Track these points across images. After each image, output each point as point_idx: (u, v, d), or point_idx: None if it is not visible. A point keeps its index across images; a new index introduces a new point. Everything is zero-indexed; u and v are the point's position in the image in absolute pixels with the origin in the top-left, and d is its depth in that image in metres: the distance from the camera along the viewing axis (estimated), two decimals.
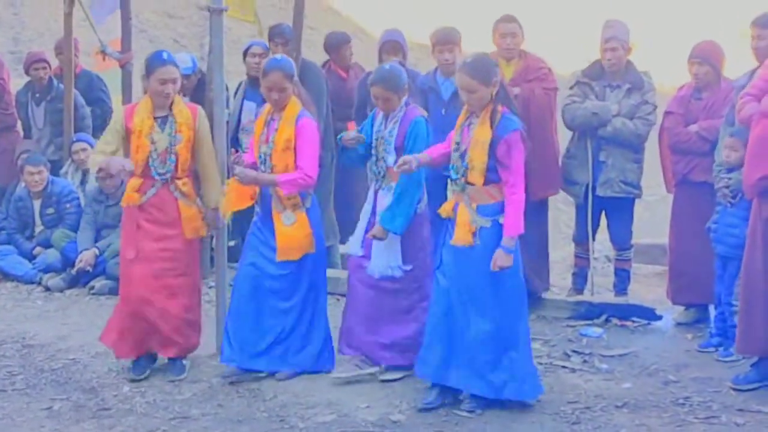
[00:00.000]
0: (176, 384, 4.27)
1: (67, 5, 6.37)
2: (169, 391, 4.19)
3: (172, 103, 4.21)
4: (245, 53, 6.04)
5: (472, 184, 3.75)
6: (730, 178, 4.34)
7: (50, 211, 6.21)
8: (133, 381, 4.26)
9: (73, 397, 4.14)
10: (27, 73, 6.81)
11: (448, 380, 3.86)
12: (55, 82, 6.75)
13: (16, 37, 14.82)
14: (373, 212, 4.15)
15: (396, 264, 4.09)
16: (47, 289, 5.95)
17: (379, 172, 4.13)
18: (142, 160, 4.17)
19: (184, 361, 4.39)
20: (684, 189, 4.92)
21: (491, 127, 3.68)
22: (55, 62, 6.94)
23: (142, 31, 16.50)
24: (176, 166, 4.20)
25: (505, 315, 3.78)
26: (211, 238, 4.90)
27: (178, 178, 4.22)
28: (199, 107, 4.37)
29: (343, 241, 6.17)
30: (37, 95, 6.76)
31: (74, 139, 6.35)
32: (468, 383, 3.81)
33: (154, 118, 4.19)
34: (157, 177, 4.19)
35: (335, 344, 4.36)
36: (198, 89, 6.05)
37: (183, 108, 4.23)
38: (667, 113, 4.95)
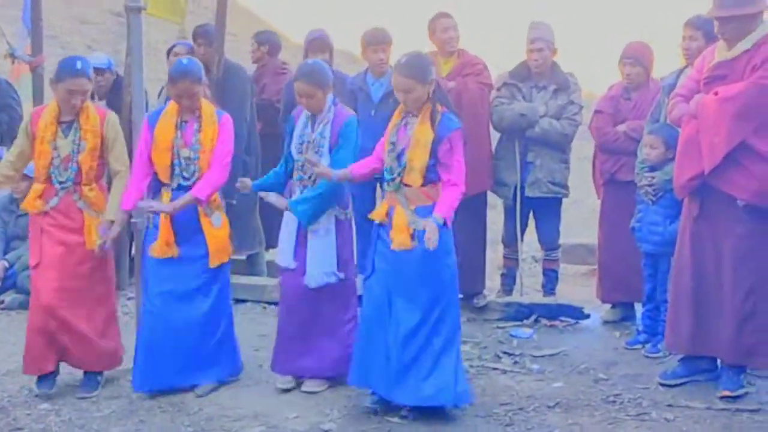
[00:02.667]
0: (93, 401, 4.06)
1: None
2: (86, 408, 3.98)
3: (80, 109, 4.01)
4: (169, 53, 5.86)
5: (409, 186, 3.66)
6: (653, 177, 4.40)
7: None
8: (39, 397, 4.03)
9: None
10: None
11: (389, 391, 3.74)
12: None
13: None
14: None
15: (331, 270, 3.97)
16: None
17: (309, 177, 3.96)
18: (44, 167, 3.98)
19: (98, 377, 4.18)
20: (612, 188, 4.97)
21: (432, 126, 3.60)
22: None
23: (53, 37, 15.91)
24: (78, 174, 4.00)
25: (437, 310, 3.69)
26: (131, 244, 4.69)
27: (85, 185, 4.02)
28: (110, 112, 4.17)
29: (268, 248, 6.04)
30: None
31: None
32: (403, 396, 3.70)
33: (59, 122, 4.00)
34: (57, 185, 4.00)
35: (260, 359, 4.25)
36: (114, 91, 5.86)
37: (91, 113, 4.02)
38: (596, 112, 5.00)
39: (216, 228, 4.04)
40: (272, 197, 4.07)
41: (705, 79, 3.82)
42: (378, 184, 5.05)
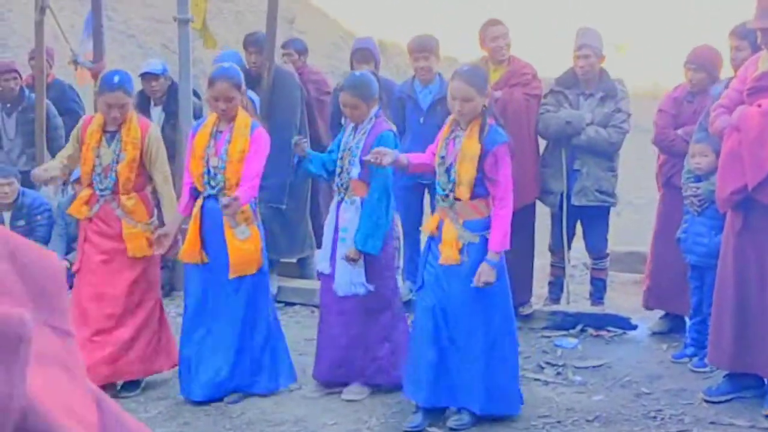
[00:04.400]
0: (141, 401, 4.20)
1: (37, 13, 6.28)
2: (134, 409, 4.10)
3: (123, 121, 4.13)
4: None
5: (458, 199, 3.67)
6: (697, 187, 4.29)
7: (21, 223, 6.10)
8: None
9: None
10: None
11: (439, 401, 3.76)
12: (26, 92, 6.65)
13: (3, 44, 14.74)
14: (336, 227, 4.05)
15: (359, 281, 3.99)
16: None
17: (343, 185, 4.03)
18: (87, 173, 4.15)
19: (139, 380, 4.31)
20: (668, 192, 4.88)
21: (479, 139, 3.60)
22: (27, 70, 6.85)
23: (131, 36, 16.45)
24: (116, 184, 4.12)
25: (493, 331, 3.71)
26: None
27: (122, 194, 4.14)
28: (152, 125, 4.30)
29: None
30: (8, 106, 6.66)
31: None
32: (457, 398, 3.73)
33: (104, 131, 4.14)
34: (98, 192, 4.14)
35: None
36: (170, 96, 6.01)
37: (133, 126, 4.13)
38: (658, 111, 4.92)
39: (240, 240, 4.01)
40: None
41: (748, 90, 3.71)
42: (427, 192, 5.08)
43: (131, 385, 4.28)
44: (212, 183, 4.01)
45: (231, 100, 3.96)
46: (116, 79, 4.07)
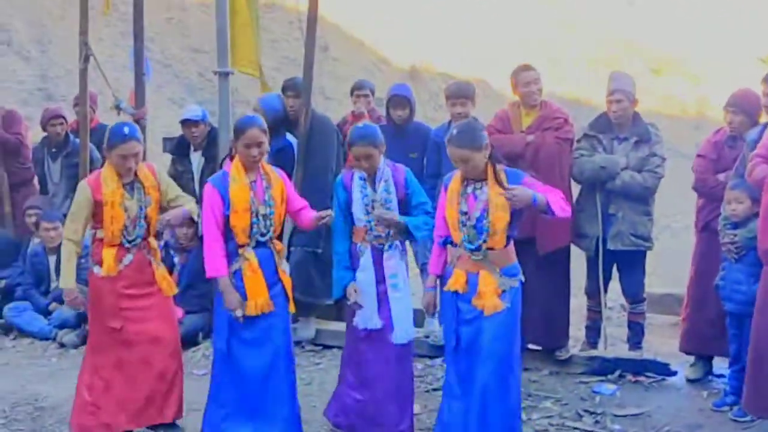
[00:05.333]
0: None
1: (81, 61, 6.46)
2: None
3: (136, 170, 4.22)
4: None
5: (493, 249, 3.70)
6: (735, 234, 4.27)
7: None
8: None
9: None
10: (44, 129, 6.92)
11: None
12: (71, 137, 6.86)
13: (43, 74, 15.15)
14: (380, 278, 4.06)
15: (412, 325, 4.10)
16: (62, 345, 6.00)
17: (384, 234, 4.07)
18: (118, 230, 4.15)
19: (178, 422, 4.38)
20: (706, 236, 4.86)
21: (501, 186, 3.66)
22: (74, 116, 7.05)
23: (167, 66, 16.80)
24: (147, 230, 4.22)
25: (513, 365, 3.75)
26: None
27: (150, 238, 4.26)
28: (154, 165, 4.39)
29: None
30: (54, 150, 6.87)
31: (42, 216, 6.33)
32: None
33: (123, 185, 4.18)
34: (128, 245, 4.19)
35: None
36: (210, 142, 6.13)
37: (144, 170, 4.24)
38: (698, 156, 4.91)
39: (288, 276, 4.17)
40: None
41: None
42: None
43: (171, 427, 4.35)
44: (263, 230, 4.05)
45: (261, 145, 4.06)
46: (126, 130, 4.14)
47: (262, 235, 4.06)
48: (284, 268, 4.18)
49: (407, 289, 4.09)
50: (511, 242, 3.75)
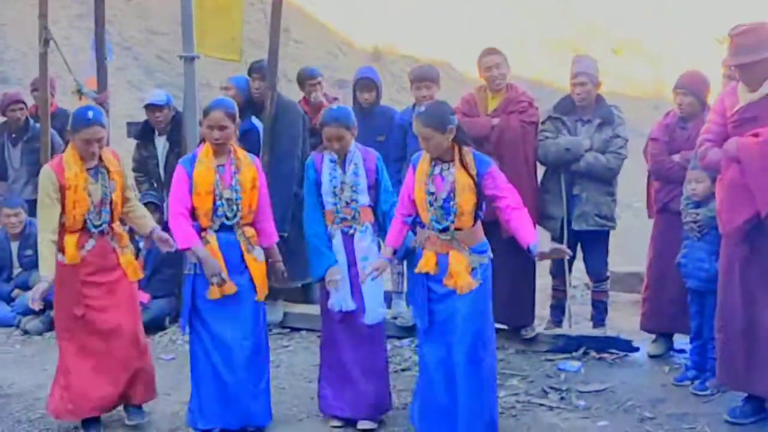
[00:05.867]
0: (156, 430, 4.27)
1: (41, 45, 6.34)
2: None
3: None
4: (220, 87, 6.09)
5: (460, 229, 3.75)
6: (697, 213, 4.37)
7: (29, 252, 6.17)
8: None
9: None
10: (3, 114, 6.79)
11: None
12: (31, 122, 6.75)
13: (3, 76, 14.83)
14: (351, 261, 4.09)
15: (383, 304, 4.14)
16: (26, 332, 5.93)
17: (351, 216, 4.10)
18: (81, 215, 4.07)
19: (143, 408, 4.37)
20: (664, 217, 4.95)
21: (467, 169, 3.71)
22: (30, 100, 6.93)
23: (127, 48, 16.54)
24: (111, 215, 4.15)
25: (486, 346, 3.82)
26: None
27: (114, 223, 4.19)
28: (111, 148, 4.31)
29: None
30: (14, 136, 6.75)
31: (3, 202, 6.23)
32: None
33: (87, 170, 4.09)
34: (93, 230, 4.11)
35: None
36: (174, 126, 6.08)
37: (107, 155, 4.17)
38: (651, 139, 4.98)
39: (259, 263, 4.16)
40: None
41: (734, 122, 3.81)
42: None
43: (137, 411, 4.34)
44: (228, 214, 4.05)
45: (224, 129, 4.05)
46: (90, 114, 4.06)
47: (227, 218, 4.06)
48: (255, 255, 4.14)
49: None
50: (479, 221, 3.81)
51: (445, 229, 3.75)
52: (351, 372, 4.15)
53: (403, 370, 5.01)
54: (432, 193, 3.77)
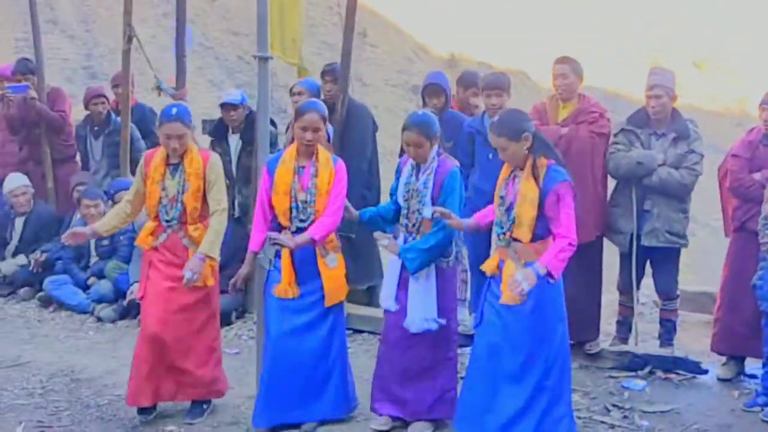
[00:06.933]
0: (215, 425, 4.35)
1: (125, 42, 6.57)
2: None
3: (185, 152, 4.24)
4: (291, 91, 6.16)
5: (519, 241, 3.71)
6: None
7: (105, 242, 6.40)
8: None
9: None
10: (86, 107, 7.04)
11: None
12: (113, 116, 6.98)
13: (89, 53, 15.40)
14: (403, 266, 4.09)
15: (432, 317, 4.06)
16: (99, 319, 6.14)
17: (413, 225, 4.09)
18: (153, 205, 4.25)
19: (204, 405, 4.44)
20: (741, 236, 4.81)
21: (536, 181, 3.65)
22: (112, 95, 7.17)
23: (209, 48, 16.98)
24: (183, 214, 4.24)
25: (553, 371, 3.75)
26: None
27: (189, 224, 4.27)
28: (213, 155, 4.37)
29: None
30: (96, 128, 7.00)
31: (83, 193, 6.39)
32: None
33: (167, 165, 4.25)
34: (164, 223, 4.26)
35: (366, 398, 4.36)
36: (248, 125, 6.20)
37: (195, 157, 4.25)
38: (732, 156, 4.86)
39: (331, 269, 4.19)
40: (385, 242, 4.21)
41: None
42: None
43: (196, 411, 4.43)
44: (302, 217, 4.11)
45: (317, 131, 4.11)
46: (174, 111, 4.19)
47: (302, 221, 4.12)
48: (327, 262, 4.17)
49: (429, 283, 4.06)
50: (541, 241, 3.70)
51: (503, 235, 3.73)
52: (403, 373, 4.16)
53: (462, 378, 4.98)
54: (502, 197, 3.77)
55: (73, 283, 6.47)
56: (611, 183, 5.12)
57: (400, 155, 4.39)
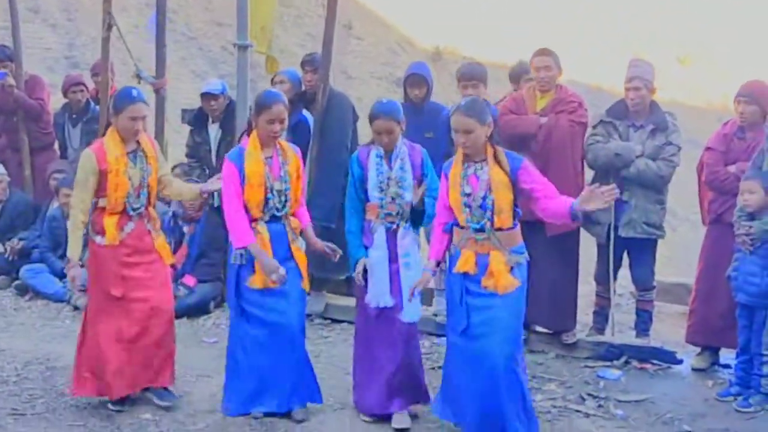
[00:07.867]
0: (191, 413, 4.33)
1: (104, 30, 6.50)
2: (182, 421, 4.24)
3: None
4: (272, 81, 6.13)
5: (500, 229, 3.72)
6: (750, 226, 4.25)
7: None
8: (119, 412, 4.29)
9: (89, 423, 4.21)
10: (65, 95, 6.99)
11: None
12: (91, 104, 6.93)
13: (71, 43, 15.26)
14: (393, 257, 4.05)
15: (420, 304, 4.13)
16: (76, 308, 6.09)
17: (396, 213, 4.08)
18: (121, 197, 4.15)
19: (170, 388, 4.44)
20: (716, 228, 4.84)
21: (501, 166, 3.69)
22: (91, 84, 7.12)
23: (192, 38, 16.87)
24: (148, 198, 4.23)
25: (520, 343, 3.82)
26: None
27: (150, 207, 4.27)
28: (151, 136, 4.41)
29: None
30: (74, 116, 6.95)
31: (61, 182, 6.34)
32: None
33: (126, 153, 4.18)
34: (132, 213, 4.20)
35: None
36: (227, 115, 6.17)
37: (145, 139, 4.25)
38: (707, 149, 4.88)
39: (302, 252, 4.22)
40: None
41: None
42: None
43: (167, 392, 4.41)
44: (278, 206, 4.11)
45: (284, 122, 4.10)
46: (134, 92, 4.16)
47: (278, 210, 4.12)
48: (299, 245, 4.20)
49: (418, 268, 4.09)
50: (518, 225, 3.76)
51: (482, 229, 3.71)
52: (385, 368, 4.13)
53: (440, 367, 4.99)
54: (468, 194, 3.74)
55: (49, 272, 6.42)
56: (589, 174, 5.14)
57: (352, 152, 4.36)
